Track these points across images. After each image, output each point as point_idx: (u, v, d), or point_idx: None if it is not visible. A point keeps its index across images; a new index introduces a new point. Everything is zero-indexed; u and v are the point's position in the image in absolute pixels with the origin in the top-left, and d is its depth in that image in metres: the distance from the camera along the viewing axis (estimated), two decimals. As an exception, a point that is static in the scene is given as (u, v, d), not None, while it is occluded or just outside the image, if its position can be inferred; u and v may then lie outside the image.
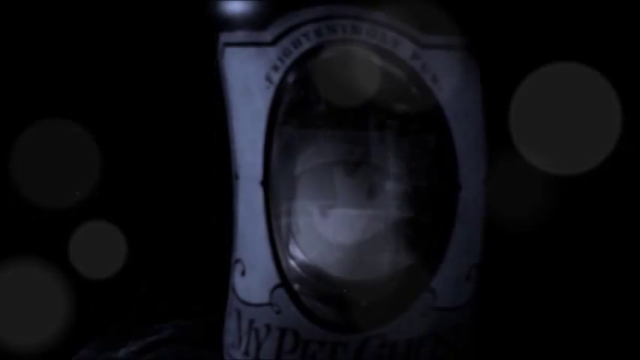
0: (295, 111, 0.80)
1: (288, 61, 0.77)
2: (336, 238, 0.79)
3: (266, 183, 0.79)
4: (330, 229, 0.79)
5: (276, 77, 0.78)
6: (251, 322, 0.80)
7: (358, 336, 0.76)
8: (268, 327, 0.79)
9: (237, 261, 0.82)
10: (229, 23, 0.80)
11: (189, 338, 0.94)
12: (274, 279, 0.79)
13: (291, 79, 0.78)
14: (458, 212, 0.75)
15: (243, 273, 0.81)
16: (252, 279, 0.81)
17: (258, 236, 0.80)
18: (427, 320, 0.76)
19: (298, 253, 0.80)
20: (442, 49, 0.75)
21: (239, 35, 0.79)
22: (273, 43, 0.77)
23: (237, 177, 0.82)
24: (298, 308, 0.78)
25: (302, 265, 0.79)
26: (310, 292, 0.78)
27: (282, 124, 0.79)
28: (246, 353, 0.81)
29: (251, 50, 0.78)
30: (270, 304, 0.79)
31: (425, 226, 0.77)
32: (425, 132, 0.77)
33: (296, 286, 0.78)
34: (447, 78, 0.74)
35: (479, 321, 0.76)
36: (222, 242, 0.86)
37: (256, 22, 0.78)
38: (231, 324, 0.83)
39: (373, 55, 0.75)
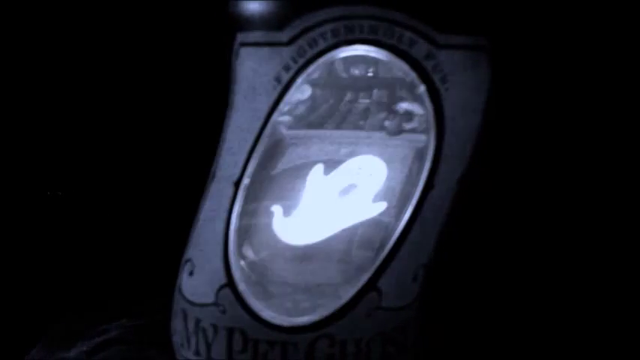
0: (294, 111, 0.81)
1: (302, 61, 0.78)
2: (289, 239, 0.79)
3: (239, 183, 0.80)
4: (285, 231, 0.79)
5: (286, 77, 0.79)
6: (197, 321, 0.80)
7: (306, 336, 0.76)
8: (215, 327, 0.79)
9: (188, 261, 0.82)
10: (248, 23, 0.81)
11: (137, 338, 0.93)
12: (221, 279, 0.79)
13: (300, 79, 0.79)
14: (422, 212, 0.75)
15: (191, 273, 0.81)
16: (200, 279, 0.80)
17: (214, 236, 0.80)
18: (373, 320, 0.75)
19: (249, 254, 0.80)
20: (457, 50, 0.75)
21: (256, 35, 0.80)
22: (289, 43, 0.78)
23: (213, 177, 0.82)
24: (243, 308, 0.78)
25: (251, 266, 0.79)
26: (256, 293, 0.78)
27: (276, 123, 0.80)
28: (197, 353, 0.80)
29: (266, 50, 0.79)
30: (215, 304, 0.79)
31: (384, 226, 0.77)
32: (419, 132, 0.77)
33: (242, 287, 0.78)
34: (457, 78, 0.75)
35: (427, 320, 0.76)
36: (170, 243, 0.86)
37: (274, 22, 0.79)
38: (177, 324, 0.82)
39: (387, 55, 0.76)
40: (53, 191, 1.03)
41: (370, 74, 0.79)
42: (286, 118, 0.81)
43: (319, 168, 0.79)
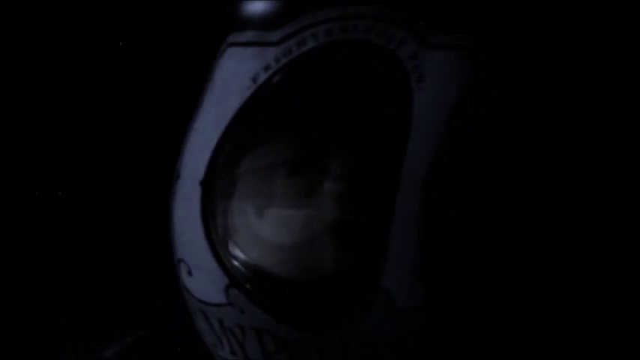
0: (263, 110, 0.80)
1: (284, 61, 0.77)
2: (272, 238, 0.78)
3: (205, 183, 0.79)
4: (266, 230, 0.79)
5: (263, 77, 0.78)
6: (221, 322, 0.81)
7: (332, 336, 0.77)
8: (241, 327, 0.80)
9: (180, 261, 0.83)
10: (243, 23, 0.80)
11: (166, 338, 0.95)
12: (223, 279, 0.79)
13: (276, 79, 0.78)
14: (396, 213, 0.74)
15: (189, 273, 0.82)
16: (201, 279, 0.81)
17: (196, 237, 0.80)
18: (395, 321, 0.76)
19: (238, 253, 0.80)
20: (442, 49, 0.74)
21: (247, 35, 0.79)
22: (278, 42, 0.77)
23: (178, 177, 0.82)
24: (260, 308, 0.78)
25: (245, 265, 0.79)
26: (265, 293, 0.79)
27: (242, 123, 0.79)
28: (233, 353, 0.82)
29: (252, 50, 0.78)
30: (230, 304, 0.79)
31: (363, 227, 0.76)
32: (384, 132, 0.76)
33: (247, 286, 0.79)
34: (433, 78, 0.74)
35: (444, 321, 0.77)
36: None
37: (271, 21, 0.78)
38: (201, 324, 0.83)
39: (372, 54, 0.75)
40: (71, 192, 1.03)
41: (347, 74, 0.78)
42: (254, 118, 0.80)
43: (283, 168, 0.78)
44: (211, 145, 0.79)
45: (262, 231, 0.79)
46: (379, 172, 0.76)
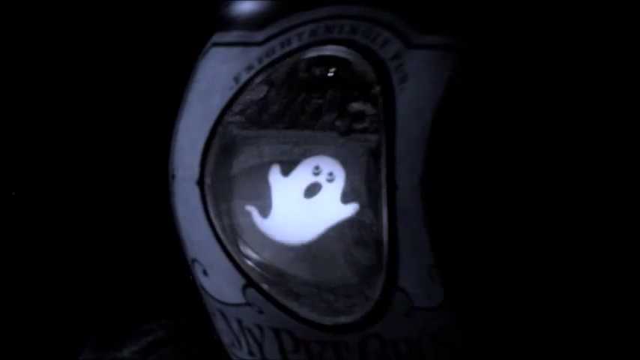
0: (246, 111, 0.79)
1: (267, 61, 0.77)
2: (282, 238, 0.78)
3: (202, 183, 0.79)
4: (273, 230, 0.78)
5: (245, 77, 0.77)
6: (239, 322, 0.81)
7: (353, 336, 0.77)
8: (260, 327, 0.80)
9: (194, 261, 0.82)
10: (229, 23, 0.80)
11: (184, 338, 0.95)
12: (240, 279, 0.79)
13: (258, 79, 0.77)
14: (398, 212, 0.74)
15: (205, 273, 0.81)
16: (217, 279, 0.81)
17: (205, 237, 0.80)
18: (415, 320, 0.76)
19: (251, 254, 0.80)
20: (428, 49, 0.74)
21: (232, 35, 0.79)
22: (262, 43, 0.77)
23: (173, 177, 0.82)
24: (279, 308, 0.78)
25: (260, 266, 0.79)
26: (283, 293, 0.78)
27: (228, 123, 0.79)
28: (251, 353, 0.82)
29: (236, 50, 0.78)
30: (248, 304, 0.79)
31: (368, 227, 0.76)
32: (370, 132, 0.75)
33: (265, 286, 0.79)
34: (416, 78, 0.74)
35: (470, 321, 0.77)
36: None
37: (257, 22, 0.77)
38: (219, 324, 0.83)
39: (354, 55, 0.75)
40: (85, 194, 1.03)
41: (329, 74, 0.77)
42: (238, 119, 0.79)
43: (276, 168, 0.78)
44: (200, 144, 0.79)
45: (269, 231, 0.78)
46: (373, 173, 0.75)
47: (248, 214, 0.79)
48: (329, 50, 0.76)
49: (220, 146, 0.79)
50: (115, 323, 0.99)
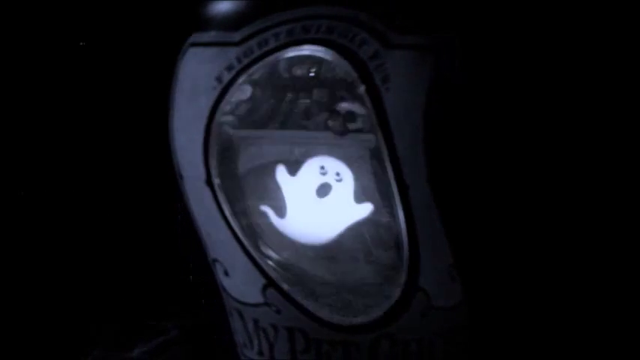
0: (236, 111, 0.78)
1: (246, 61, 0.76)
2: (301, 238, 0.78)
3: (210, 182, 0.79)
4: (292, 230, 0.78)
5: (227, 77, 0.77)
6: (256, 321, 0.81)
7: (367, 336, 0.77)
8: (275, 327, 0.80)
9: (215, 261, 0.82)
10: (205, 23, 0.79)
11: (197, 338, 0.95)
12: (260, 279, 0.79)
13: (241, 79, 0.77)
14: (414, 211, 0.74)
15: (226, 273, 0.81)
16: (238, 279, 0.81)
17: (224, 237, 0.80)
18: (430, 319, 0.76)
19: (272, 254, 0.80)
20: (405, 49, 0.73)
21: (209, 35, 0.78)
22: (239, 43, 0.76)
23: (181, 177, 0.81)
24: (297, 308, 0.78)
25: (281, 266, 0.80)
26: (303, 293, 0.79)
27: (221, 123, 0.78)
28: (261, 353, 0.82)
29: (214, 50, 0.78)
30: (267, 304, 0.79)
31: (386, 226, 0.76)
32: (366, 132, 0.75)
33: (285, 286, 0.79)
34: (399, 78, 0.73)
35: (483, 320, 0.77)
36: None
37: (233, 22, 0.77)
38: (236, 323, 0.83)
39: (333, 55, 0.74)
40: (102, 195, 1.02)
41: (312, 74, 0.76)
42: (229, 118, 0.78)
43: (282, 168, 0.78)
44: (199, 144, 0.78)
45: (288, 231, 0.78)
46: (380, 173, 0.75)
47: (264, 215, 0.79)
48: (307, 50, 0.75)
49: (220, 146, 0.78)
50: (126, 323, 0.98)
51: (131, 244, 1.02)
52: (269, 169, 0.78)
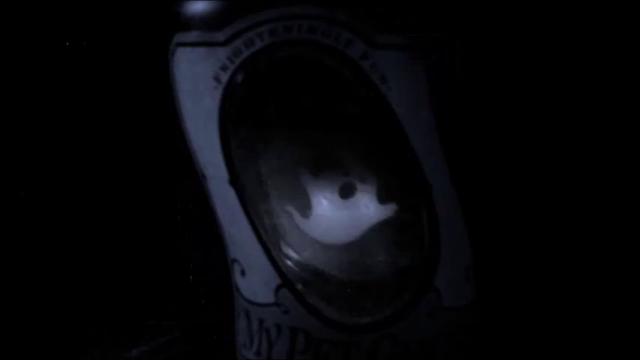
0: (246, 111, 0.78)
1: (238, 61, 0.76)
2: (324, 238, 0.78)
3: (235, 182, 0.79)
4: (315, 230, 0.79)
5: (225, 77, 0.76)
6: (261, 321, 0.81)
7: (369, 336, 0.77)
8: (279, 327, 0.80)
9: (234, 261, 0.82)
10: (186, 23, 0.78)
11: (200, 339, 0.94)
12: (275, 279, 0.79)
13: (239, 78, 0.76)
14: (437, 211, 0.74)
15: (243, 273, 0.82)
16: (254, 279, 0.81)
17: (246, 236, 0.80)
18: (436, 320, 0.76)
19: (292, 254, 0.80)
20: (393, 49, 0.72)
21: (193, 35, 0.78)
22: (225, 43, 0.76)
23: (204, 177, 0.81)
24: (306, 308, 0.78)
25: (299, 266, 0.80)
26: (316, 293, 0.79)
27: (234, 123, 0.78)
28: (258, 353, 0.82)
29: (201, 50, 0.77)
30: (276, 304, 0.79)
31: (409, 226, 0.76)
32: (377, 132, 0.74)
33: (299, 287, 0.79)
34: (397, 78, 0.72)
35: (488, 321, 0.77)
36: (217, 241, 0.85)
37: (213, 22, 0.76)
38: (241, 323, 0.83)
39: (323, 55, 0.74)
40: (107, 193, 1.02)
41: (311, 74, 0.76)
42: (239, 119, 0.78)
43: (304, 169, 0.78)
44: (215, 144, 0.78)
45: (312, 231, 0.79)
46: (402, 173, 0.75)
47: (289, 215, 0.79)
48: (297, 50, 0.74)
49: (237, 146, 0.78)
50: (125, 323, 0.98)
51: (130, 243, 1.02)
52: (290, 168, 0.78)
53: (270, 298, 0.79)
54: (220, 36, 0.76)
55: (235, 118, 0.78)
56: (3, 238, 1.00)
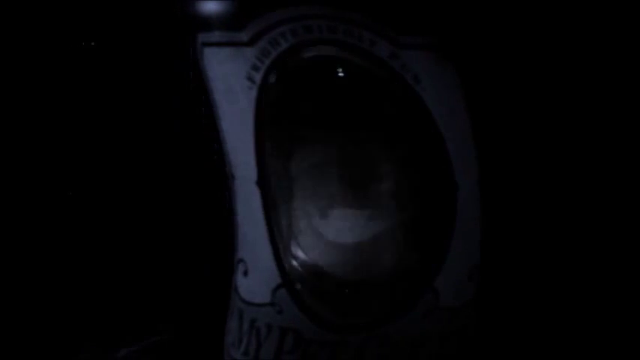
0: (281, 110, 0.80)
1: (267, 61, 0.78)
2: (336, 238, 0.79)
3: (262, 183, 0.80)
4: (330, 230, 0.80)
5: (258, 77, 0.78)
6: (252, 321, 0.82)
7: (359, 336, 0.78)
8: (269, 327, 0.80)
9: (240, 261, 0.83)
10: (207, 23, 0.80)
11: (191, 341, 0.94)
12: (276, 279, 0.80)
13: (272, 78, 0.78)
14: (457, 212, 0.76)
15: (245, 273, 0.82)
16: (255, 279, 0.82)
17: (259, 236, 0.81)
18: (430, 320, 0.77)
19: (300, 254, 0.81)
20: (420, 50, 0.75)
21: (216, 35, 0.80)
22: (251, 43, 0.78)
23: (232, 177, 0.82)
24: (300, 308, 0.79)
25: (304, 265, 0.81)
26: (312, 292, 0.80)
27: (270, 123, 0.80)
28: (246, 353, 0.82)
29: (228, 50, 0.79)
30: (272, 304, 0.80)
31: (426, 226, 0.77)
32: (413, 132, 0.77)
33: (298, 286, 0.80)
34: (429, 78, 0.75)
35: (482, 321, 0.78)
36: (218, 242, 0.86)
37: (233, 22, 0.79)
38: (232, 323, 0.84)
39: (350, 54, 0.76)
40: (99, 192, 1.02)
41: (342, 74, 0.78)
42: (276, 119, 0.80)
43: (333, 170, 0.79)
44: (249, 144, 0.80)
45: (326, 231, 0.80)
46: (429, 173, 0.77)
47: (308, 215, 0.80)
48: (324, 50, 0.77)
49: (272, 145, 0.80)
50: (114, 323, 0.98)
51: (120, 243, 1.01)
52: (320, 169, 0.80)
53: (267, 298, 0.80)
54: (243, 36, 0.78)
55: (271, 118, 0.79)
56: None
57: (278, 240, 0.80)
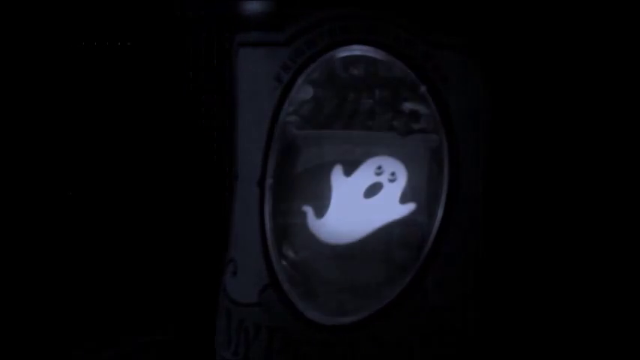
0: (300, 111, 0.82)
1: (300, 61, 0.79)
2: (329, 239, 0.79)
3: (262, 183, 0.81)
4: (323, 230, 0.80)
5: (286, 77, 0.80)
6: (241, 321, 0.82)
7: (347, 336, 0.77)
8: (257, 326, 0.80)
9: (230, 261, 0.84)
10: (246, 23, 0.83)
11: (182, 342, 0.94)
12: (264, 279, 0.80)
13: (300, 79, 0.80)
14: (456, 212, 0.76)
15: (234, 273, 0.83)
16: (243, 279, 0.82)
17: (252, 236, 0.81)
18: (418, 320, 0.76)
19: (290, 254, 0.81)
20: (454, 50, 0.76)
21: (254, 35, 0.82)
22: (287, 43, 0.79)
23: (236, 177, 0.84)
24: (287, 308, 0.79)
25: (293, 265, 0.81)
26: (300, 293, 0.80)
27: (285, 123, 0.81)
28: (235, 353, 0.82)
29: (263, 50, 0.81)
30: (259, 304, 0.80)
31: (420, 226, 0.78)
32: (429, 132, 0.78)
33: (286, 287, 0.80)
34: (457, 78, 0.76)
35: (474, 321, 0.77)
36: (211, 243, 0.88)
37: (272, 22, 0.81)
38: (221, 323, 0.84)
39: (385, 54, 0.77)
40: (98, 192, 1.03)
41: (370, 74, 0.79)
42: (293, 118, 0.81)
43: (339, 168, 0.80)
44: (261, 145, 0.81)
45: (319, 231, 0.80)
46: (435, 173, 0.77)
47: (303, 215, 0.80)
48: (357, 50, 0.78)
49: (281, 146, 0.81)
50: (103, 323, 0.98)
51: (112, 244, 1.01)
52: (325, 169, 0.80)
53: (254, 298, 0.80)
54: (280, 36, 0.80)
55: (287, 118, 0.81)
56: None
57: (269, 240, 0.80)
